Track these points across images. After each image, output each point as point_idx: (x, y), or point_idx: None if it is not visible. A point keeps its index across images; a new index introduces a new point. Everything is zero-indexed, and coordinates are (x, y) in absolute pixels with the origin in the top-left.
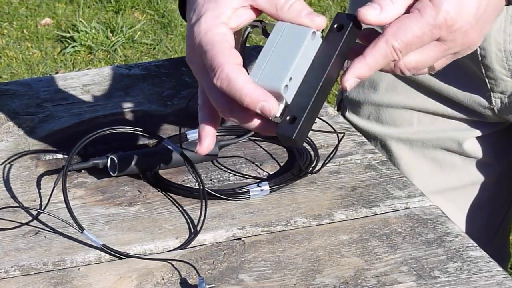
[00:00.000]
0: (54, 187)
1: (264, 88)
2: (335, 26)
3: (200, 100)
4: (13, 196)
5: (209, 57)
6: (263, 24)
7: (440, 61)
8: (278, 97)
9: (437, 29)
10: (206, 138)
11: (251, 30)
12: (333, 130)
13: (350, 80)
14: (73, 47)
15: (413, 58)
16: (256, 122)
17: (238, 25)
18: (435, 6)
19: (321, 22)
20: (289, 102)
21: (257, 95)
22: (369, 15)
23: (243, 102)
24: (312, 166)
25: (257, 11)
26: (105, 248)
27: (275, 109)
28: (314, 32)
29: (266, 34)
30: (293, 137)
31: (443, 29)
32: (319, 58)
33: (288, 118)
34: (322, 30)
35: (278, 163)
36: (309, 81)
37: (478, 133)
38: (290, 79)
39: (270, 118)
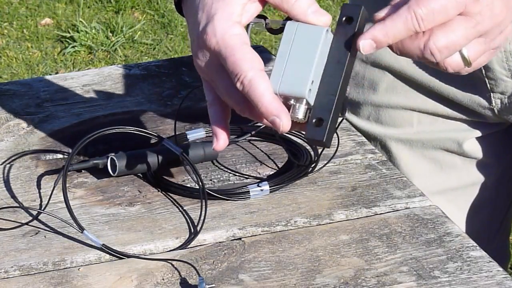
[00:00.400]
0: (54, 187)
1: (287, 94)
2: (344, 18)
3: (209, 96)
4: (13, 196)
5: (230, 62)
6: (267, 20)
7: (474, 49)
8: (300, 100)
9: None
10: (222, 134)
11: (254, 25)
12: None
13: (365, 41)
14: (73, 47)
15: (441, 36)
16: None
17: (248, 20)
18: None
19: (327, 21)
20: (312, 104)
21: (271, 109)
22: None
23: (258, 110)
24: (312, 166)
25: (263, 2)
26: (105, 248)
27: (285, 126)
28: (327, 30)
29: (271, 30)
30: (324, 140)
31: None
32: (334, 54)
33: (314, 120)
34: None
35: (278, 163)
36: (329, 80)
37: (478, 133)
38: (312, 82)
39: (292, 119)
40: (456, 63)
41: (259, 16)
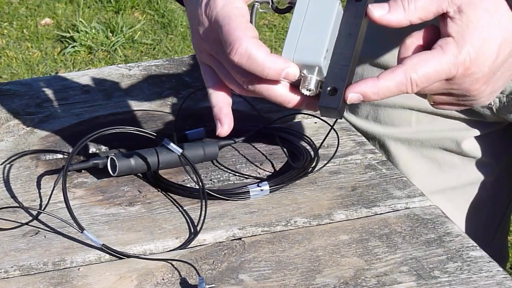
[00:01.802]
0: (54, 187)
1: (302, 63)
2: None
3: (209, 82)
4: (13, 196)
5: (225, 31)
6: (273, 0)
7: (440, 98)
8: (311, 69)
9: (455, 68)
10: (225, 118)
11: (259, 5)
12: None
13: (353, 95)
14: (73, 47)
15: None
16: (280, 91)
17: None
18: (459, 45)
19: None
20: (324, 74)
21: (279, 65)
22: (375, 12)
23: (266, 75)
24: (312, 166)
25: None
26: (105, 248)
27: (297, 73)
28: (339, 3)
29: (277, 10)
30: (338, 108)
31: (460, 69)
32: (345, 27)
33: (328, 89)
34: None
35: (278, 163)
36: (341, 52)
37: (476, 132)
38: (327, 50)
39: (303, 91)
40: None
41: None
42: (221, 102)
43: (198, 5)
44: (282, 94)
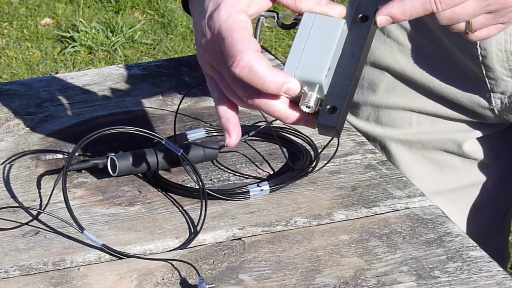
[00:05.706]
0: (54, 187)
1: (303, 79)
2: (360, 16)
3: (215, 93)
4: (13, 196)
5: (227, 43)
6: (279, 15)
7: (479, 20)
8: (312, 86)
9: None
10: (233, 129)
11: (264, 20)
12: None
13: (382, 17)
14: (73, 47)
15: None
16: (279, 107)
17: (255, 13)
18: None
19: (342, 11)
20: (325, 92)
21: (280, 79)
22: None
23: (267, 89)
24: (312, 166)
25: None
26: (105, 248)
27: (297, 89)
28: (344, 23)
29: (282, 25)
30: (337, 126)
31: None
32: (349, 47)
33: (328, 107)
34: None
35: (278, 163)
36: (343, 71)
37: (477, 134)
38: (329, 69)
39: (302, 108)
40: (457, 26)
41: (270, 11)
42: (228, 113)
43: (202, 16)
44: (281, 109)
